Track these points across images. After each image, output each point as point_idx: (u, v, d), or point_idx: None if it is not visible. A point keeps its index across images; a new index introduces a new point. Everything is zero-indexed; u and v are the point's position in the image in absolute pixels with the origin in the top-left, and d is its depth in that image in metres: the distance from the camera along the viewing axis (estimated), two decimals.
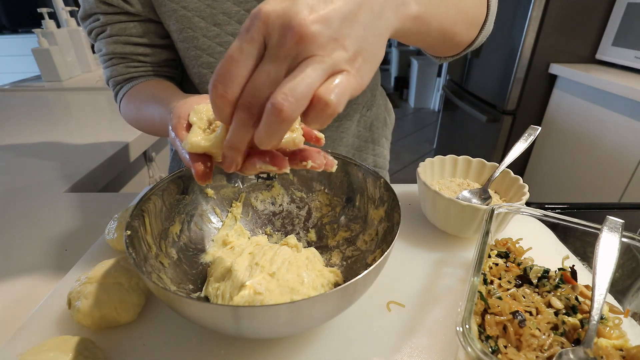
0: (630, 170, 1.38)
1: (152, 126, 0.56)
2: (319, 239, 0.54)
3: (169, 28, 0.58)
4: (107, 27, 0.59)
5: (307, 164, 0.30)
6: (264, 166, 0.29)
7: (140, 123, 0.60)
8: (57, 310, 0.44)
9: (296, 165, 0.31)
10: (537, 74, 1.72)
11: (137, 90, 0.59)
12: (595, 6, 1.58)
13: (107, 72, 0.62)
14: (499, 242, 0.48)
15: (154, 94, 0.56)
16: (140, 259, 0.38)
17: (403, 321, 0.43)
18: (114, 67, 0.61)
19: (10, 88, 1.60)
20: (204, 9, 0.55)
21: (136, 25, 0.59)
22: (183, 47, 0.59)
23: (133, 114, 0.60)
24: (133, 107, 0.59)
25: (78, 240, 0.59)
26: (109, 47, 0.60)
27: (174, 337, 0.41)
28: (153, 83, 0.61)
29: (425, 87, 4.39)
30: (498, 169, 0.59)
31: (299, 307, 0.30)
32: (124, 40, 0.59)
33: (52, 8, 1.67)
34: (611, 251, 0.36)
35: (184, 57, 0.61)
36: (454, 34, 0.45)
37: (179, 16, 0.56)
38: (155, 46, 0.62)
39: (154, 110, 0.53)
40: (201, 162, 0.32)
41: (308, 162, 0.30)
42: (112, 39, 0.59)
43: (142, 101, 0.57)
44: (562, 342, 0.34)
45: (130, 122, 0.64)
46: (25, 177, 0.81)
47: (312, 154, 0.31)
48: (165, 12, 0.56)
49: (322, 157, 0.31)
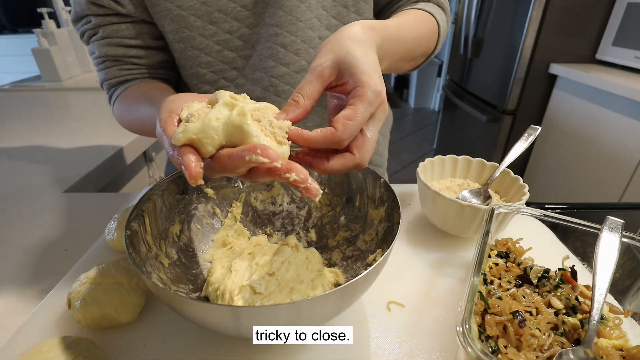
0: (630, 170, 1.38)
1: (143, 126, 0.56)
2: (319, 239, 0.53)
3: (164, 29, 0.57)
4: (99, 29, 0.58)
5: (290, 177, 0.30)
6: (254, 158, 0.29)
7: (131, 124, 0.60)
8: (57, 310, 0.44)
9: (279, 176, 0.30)
10: (537, 74, 1.72)
11: (130, 92, 0.59)
12: (595, 6, 1.58)
13: (101, 75, 0.62)
14: (499, 242, 0.48)
15: (146, 93, 0.55)
16: (140, 259, 0.38)
17: (403, 321, 0.43)
18: (108, 70, 0.60)
19: (10, 88, 1.60)
20: (199, 7, 0.55)
21: (129, 27, 0.58)
22: (179, 48, 0.58)
23: (125, 116, 0.59)
24: (125, 108, 0.59)
25: (78, 240, 0.59)
26: (101, 49, 0.59)
27: (174, 337, 0.41)
28: (146, 84, 0.60)
29: (425, 87, 4.39)
30: (498, 169, 0.59)
31: (299, 307, 0.30)
32: (116, 43, 0.58)
33: (52, 8, 1.67)
34: (611, 251, 0.36)
35: (180, 58, 0.60)
36: (399, 67, 0.57)
37: (174, 16, 0.55)
38: (149, 48, 0.61)
39: (144, 110, 0.52)
40: (191, 155, 0.30)
41: (292, 174, 0.30)
42: (105, 41, 0.58)
43: (134, 102, 0.56)
44: (562, 342, 0.34)
45: (122, 124, 0.63)
46: (25, 177, 0.81)
47: (296, 168, 0.30)
48: (159, 12, 0.55)
49: (305, 174, 0.31)
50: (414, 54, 0.56)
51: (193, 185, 0.30)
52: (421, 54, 0.59)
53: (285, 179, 0.30)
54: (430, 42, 0.60)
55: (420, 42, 0.56)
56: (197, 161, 0.30)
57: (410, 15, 0.56)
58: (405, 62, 0.56)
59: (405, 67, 0.60)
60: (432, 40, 0.60)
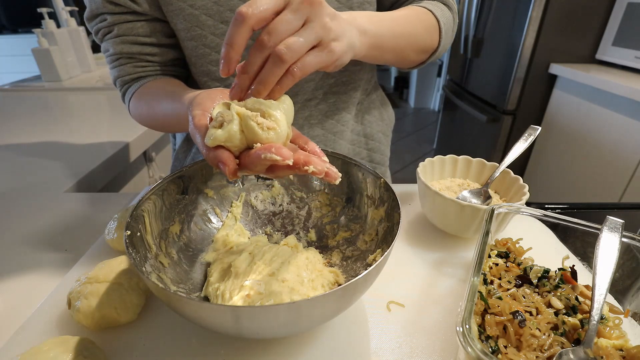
0: (630, 170, 1.38)
1: (165, 122, 0.57)
2: (319, 239, 0.54)
3: (176, 27, 0.58)
4: (114, 27, 0.59)
5: (308, 169, 0.32)
6: (268, 155, 0.31)
7: (151, 120, 0.61)
8: (57, 310, 0.44)
9: (298, 170, 0.33)
10: (537, 74, 1.72)
11: (147, 88, 0.60)
12: (595, 6, 1.58)
13: (115, 72, 0.62)
14: (499, 242, 0.48)
15: (166, 89, 0.56)
16: (140, 259, 0.38)
17: (403, 321, 0.43)
18: (122, 67, 0.61)
19: (10, 88, 1.60)
20: (211, 6, 0.56)
21: (143, 25, 0.59)
22: (191, 46, 0.59)
23: (144, 112, 0.60)
24: (144, 104, 0.59)
25: (78, 240, 0.59)
26: (116, 47, 0.60)
27: (174, 337, 0.41)
28: (163, 81, 0.61)
29: (425, 87, 4.39)
30: (498, 169, 0.59)
31: (299, 307, 0.30)
32: (131, 40, 0.59)
33: (52, 8, 1.67)
34: (611, 251, 0.36)
35: (191, 56, 0.61)
36: (405, 58, 0.59)
37: (186, 14, 0.56)
38: (162, 45, 0.62)
39: (167, 105, 0.53)
40: (226, 155, 0.33)
41: (310, 167, 0.32)
42: (120, 39, 0.59)
43: (154, 98, 0.57)
44: (562, 342, 0.34)
45: (141, 120, 0.64)
46: (25, 177, 0.81)
47: (314, 161, 0.33)
48: (172, 10, 0.56)
49: (323, 164, 0.33)
50: (403, 42, 0.56)
51: (231, 180, 0.35)
52: (418, 48, 0.59)
53: (305, 171, 0.32)
54: (428, 37, 0.60)
55: (413, 30, 0.56)
56: (232, 159, 0.33)
57: (405, 10, 0.58)
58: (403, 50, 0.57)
59: (410, 57, 0.60)
60: (431, 35, 0.60)
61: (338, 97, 0.68)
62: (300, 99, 0.65)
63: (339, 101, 0.69)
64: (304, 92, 0.65)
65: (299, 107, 0.66)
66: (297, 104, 0.66)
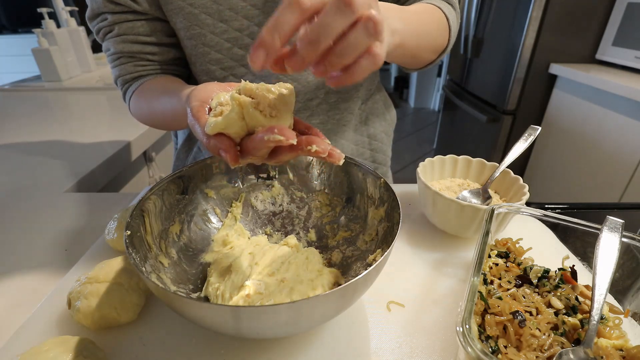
0: (630, 170, 1.38)
1: (164, 119, 0.57)
2: (319, 239, 0.53)
3: (176, 26, 0.59)
4: (115, 27, 0.59)
5: (311, 148, 0.32)
6: (271, 137, 0.30)
7: (150, 118, 0.61)
8: (57, 310, 0.44)
9: (301, 151, 0.32)
10: (537, 74, 1.72)
11: (147, 86, 0.60)
12: (595, 6, 1.58)
13: (116, 71, 0.63)
14: (499, 242, 0.48)
15: (165, 87, 0.57)
16: (140, 259, 0.38)
17: (403, 321, 0.43)
18: (123, 66, 0.62)
19: (10, 88, 1.60)
20: (210, 5, 0.56)
21: (144, 24, 0.59)
22: (190, 45, 0.60)
23: (144, 109, 0.60)
24: (143, 101, 0.60)
25: (78, 240, 0.59)
26: (117, 46, 0.60)
27: (174, 337, 0.41)
28: (162, 79, 0.61)
29: (425, 87, 4.39)
30: (498, 169, 0.59)
31: (299, 307, 0.30)
32: (132, 39, 0.60)
33: (52, 8, 1.67)
34: (611, 251, 0.36)
35: (191, 55, 0.62)
36: (420, 57, 0.58)
37: (185, 13, 0.56)
38: (162, 45, 0.62)
39: (165, 102, 0.53)
40: (227, 142, 0.32)
41: (313, 146, 0.32)
42: (120, 38, 0.59)
43: (153, 95, 0.57)
44: (562, 342, 0.34)
45: (141, 118, 0.64)
46: (26, 177, 0.81)
47: (316, 140, 0.32)
48: (171, 9, 0.57)
49: (326, 144, 0.33)
50: (425, 40, 0.54)
51: (233, 167, 0.33)
52: (432, 48, 0.58)
53: (308, 151, 0.32)
54: (440, 36, 0.58)
55: (430, 29, 0.54)
56: (233, 146, 0.33)
57: (419, 6, 0.56)
58: (420, 50, 0.54)
59: (424, 57, 0.59)
60: (442, 34, 0.59)
61: (340, 96, 0.68)
62: (301, 98, 0.65)
63: (340, 101, 0.69)
64: (305, 92, 0.65)
65: (299, 107, 0.66)
66: (298, 104, 0.66)
